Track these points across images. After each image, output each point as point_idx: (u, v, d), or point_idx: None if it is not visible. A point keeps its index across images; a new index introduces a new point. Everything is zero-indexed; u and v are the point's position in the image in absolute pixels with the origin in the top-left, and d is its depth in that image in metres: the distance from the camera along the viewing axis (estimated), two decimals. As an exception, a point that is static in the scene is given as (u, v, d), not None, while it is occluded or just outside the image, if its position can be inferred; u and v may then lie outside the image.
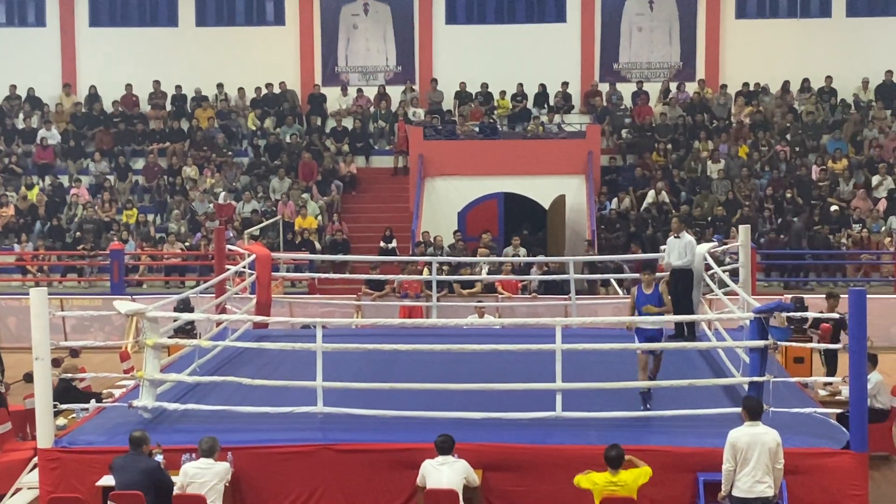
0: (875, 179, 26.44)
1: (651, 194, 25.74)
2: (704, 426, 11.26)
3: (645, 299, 12.35)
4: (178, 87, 30.20)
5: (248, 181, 27.47)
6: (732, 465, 10.11)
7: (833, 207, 25.26)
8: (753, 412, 10.29)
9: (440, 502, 10.35)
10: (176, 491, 10.51)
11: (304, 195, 26.52)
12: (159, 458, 10.84)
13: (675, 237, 14.98)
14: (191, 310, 16.68)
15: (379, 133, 29.23)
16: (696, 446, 10.99)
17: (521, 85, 29.37)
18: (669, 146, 27.78)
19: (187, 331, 16.62)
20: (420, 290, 20.72)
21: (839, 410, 12.11)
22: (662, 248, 15.65)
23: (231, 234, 23.55)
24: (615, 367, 13.01)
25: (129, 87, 30.22)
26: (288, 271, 22.95)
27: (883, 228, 24.87)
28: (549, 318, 12.94)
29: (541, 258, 22.35)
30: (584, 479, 10.33)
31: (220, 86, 30.19)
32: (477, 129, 27.47)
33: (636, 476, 10.31)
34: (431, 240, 24.00)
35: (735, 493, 10.15)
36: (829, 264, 24.26)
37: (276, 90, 30.10)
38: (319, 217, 25.99)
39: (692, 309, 14.68)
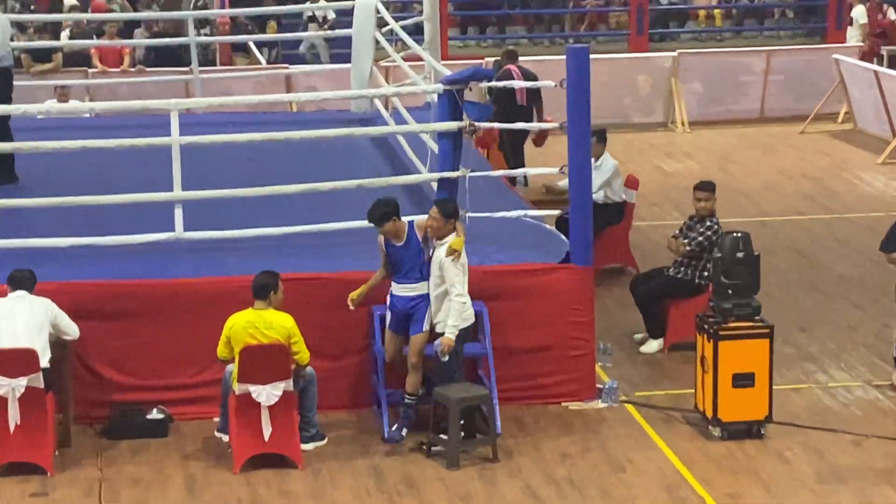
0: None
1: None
2: (374, 241, 8.72)
3: (397, 252, 8.31)
4: None
5: None
6: None
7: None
8: (448, 215, 8.22)
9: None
10: None
11: None
12: None
13: None
14: None
15: None
16: (369, 270, 8.63)
17: None
18: None
19: None
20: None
21: (558, 212, 9.77)
22: None
23: None
24: (255, 166, 10.63)
25: None
26: None
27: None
28: (163, 101, 10.04)
29: (151, 14, 18.95)
30: (222, 344, 8.08)
31: None
32: None
33: (291, 324, 7.96)
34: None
35: None
36: (544, 14, 21.36)
37: None
38: None
39: None
